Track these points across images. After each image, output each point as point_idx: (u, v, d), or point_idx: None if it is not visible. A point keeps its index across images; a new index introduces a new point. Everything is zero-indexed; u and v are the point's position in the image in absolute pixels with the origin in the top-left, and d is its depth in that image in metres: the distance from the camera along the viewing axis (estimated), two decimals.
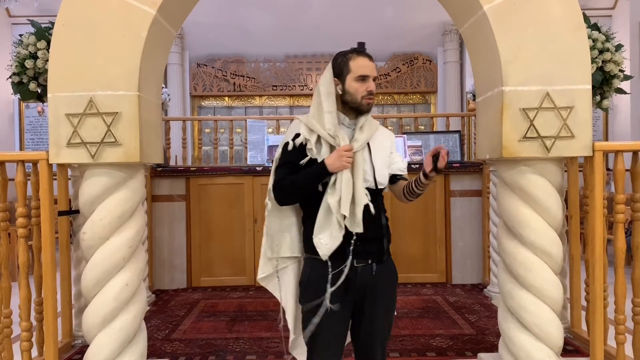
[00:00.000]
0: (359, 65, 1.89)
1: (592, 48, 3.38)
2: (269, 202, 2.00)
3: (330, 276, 1.85)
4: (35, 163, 2.57)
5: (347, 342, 2.00)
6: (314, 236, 1.86)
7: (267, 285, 2.08)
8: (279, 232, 2.02)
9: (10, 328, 2.61)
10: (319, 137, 1.89)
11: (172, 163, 6.61)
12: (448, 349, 3.17)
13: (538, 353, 2.29)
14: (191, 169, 5.09)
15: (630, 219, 2.65)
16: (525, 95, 2.29)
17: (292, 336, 2.07)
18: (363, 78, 1.88)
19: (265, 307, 4.22)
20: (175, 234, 5.04)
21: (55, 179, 2.66)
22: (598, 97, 3.59)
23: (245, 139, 5.76)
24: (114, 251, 2.29)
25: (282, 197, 1.92)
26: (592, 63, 3.34)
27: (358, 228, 1.86)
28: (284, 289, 2.05)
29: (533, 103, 2.29)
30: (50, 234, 2.45)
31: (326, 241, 1.84)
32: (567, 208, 3.10)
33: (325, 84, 1.93)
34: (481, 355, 2.89)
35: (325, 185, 1.87)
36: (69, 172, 3.39)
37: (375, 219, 1.90)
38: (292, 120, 6.35)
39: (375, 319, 1.94)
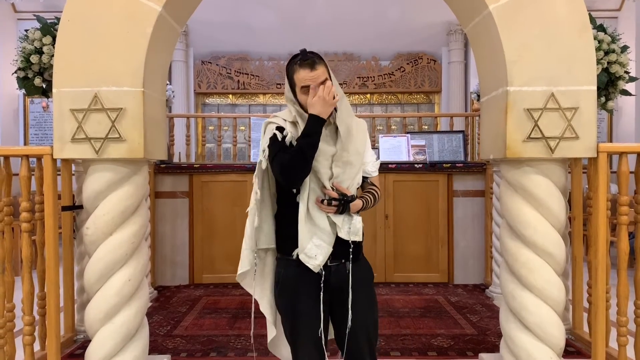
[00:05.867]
0: (299, 78, 1.87)
1: (597, 49, 3.38)
2: (258, 190, 1.92)
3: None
4: (39, 158, 2.58)
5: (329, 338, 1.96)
6: (299, 252, 1.83)
7: (242, 282, 2.00)
8: (258, 223, 1.95)
9: (13, 322, 2.63)
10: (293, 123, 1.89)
11: (175, 160, 6.61)
12: (449, 349, 3.17)
13: (539, 354, 2.29)
14: (194, 165, 5.09)
15: (634, 220, 2.65)
16: (530, 96, 2.28)
17: (272, 333, 2.00)
18: (308, 88, 1.86)
19: None
20: (178, 230, 5.05)
21: (60, 174, 2.67)
22: (603, 99, 3.58)
23: (249, 137, 5.76)
24: (117, 247, 2.30)
25: (293, 168, 1.78)
26: (597, 64, 3.34)
27: (356, 237, 1.85)
28: (260, 284, 1.99)
29: (537, 103, 2.28)
30: (53, 229, 2.46)
31: (314, 252, 1.81)
32: (570, 209, 3.09)
33: (286, 91, 1.96)
34: (482, 355, 2.88)
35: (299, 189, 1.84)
36: (73, 168, 3.41)
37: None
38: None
39: (357, 319, 1.88)
